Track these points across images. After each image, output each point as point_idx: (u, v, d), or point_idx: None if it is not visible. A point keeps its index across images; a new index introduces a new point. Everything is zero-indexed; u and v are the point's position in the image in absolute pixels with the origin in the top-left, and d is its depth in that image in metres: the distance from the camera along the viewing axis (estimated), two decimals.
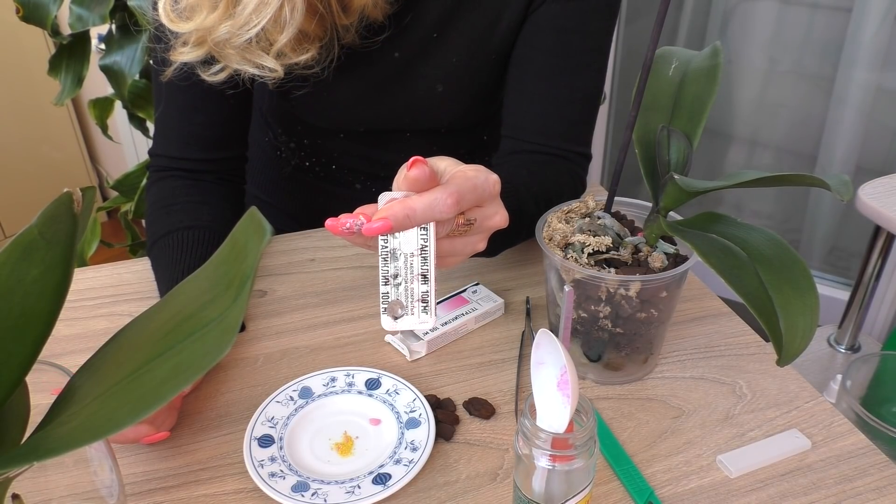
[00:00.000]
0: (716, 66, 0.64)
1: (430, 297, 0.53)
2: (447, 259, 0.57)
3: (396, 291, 0.53)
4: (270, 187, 1.02)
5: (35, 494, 0.38)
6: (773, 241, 0.55)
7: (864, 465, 0.59)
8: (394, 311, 0.54)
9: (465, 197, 0.52)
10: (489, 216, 0.56)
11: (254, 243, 0.31)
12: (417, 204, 0.51)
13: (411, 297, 0.53)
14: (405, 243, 0.52)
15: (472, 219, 0.55)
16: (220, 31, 0.69)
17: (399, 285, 0.53)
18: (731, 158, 2.05)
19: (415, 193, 0.52)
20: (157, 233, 0.77)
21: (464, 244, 0.56)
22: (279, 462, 0.58)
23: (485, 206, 0.55)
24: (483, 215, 0.55)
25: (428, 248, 0.53)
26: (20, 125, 2.29)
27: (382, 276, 0.53)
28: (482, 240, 0.57)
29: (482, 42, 0.80)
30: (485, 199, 0.55)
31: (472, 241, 0.57)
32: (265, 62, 0.71)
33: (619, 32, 2.04)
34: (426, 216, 0.51)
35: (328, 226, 0.52)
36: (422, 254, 0.53)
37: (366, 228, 0.50)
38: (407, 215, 0.50)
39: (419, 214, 0.51)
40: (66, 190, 0.35)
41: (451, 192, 0.51)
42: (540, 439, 0.46)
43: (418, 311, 0.53)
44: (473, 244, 0.57)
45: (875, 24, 1.67)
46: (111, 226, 2.37)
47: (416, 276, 0.53)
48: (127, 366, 0.31)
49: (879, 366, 1.29)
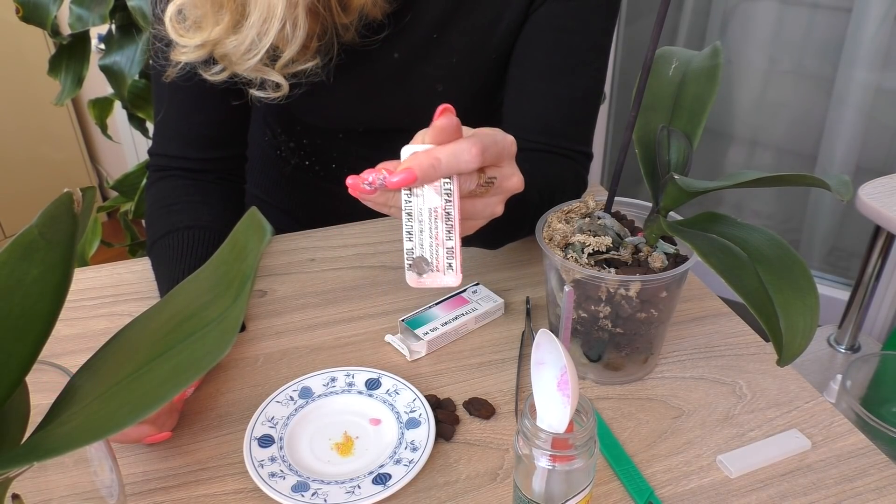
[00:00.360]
0: (716, 66, 0.64)
1: (455, 253, 0.52)
2: (467, 223, 0.56)
3: (421, 248, 0.52)
4: (270, 187, 1.02)
5: (35, 494, 0.38)
6: (773, 241, 0.55)
7: (864, 465, 0.59)
8: (419, 267, 0.52)
9: (488, 149, 0.52)
10: (507, 176, 0.55)
11: (254, 243, 0.31)
12: (442, 153, 0.50)
13: (436, 254, 0.52)
14: (428, 199, 0.51)
15: (493, 177, 0.54)
16: (227, 45, 0.69)
17: (423, 242, 0.52)
18: (731, 158, 2.05)
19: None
20: (157, 232, 0.77)
21: (483, 206, 0.56)
22: (279, 462, 0.58)
23: (503, 166, 0.55)
24: (502, 175, 0.55)
25: (452, 204, 0.51)
26: (20, 125, 2.29)
27: (406, 231, 0.52)
28: (500, 202, 0.56)
29: (482, 42, 0.80)
30: (503, 158, 0.54)
31: (491, 203, 0.56)
32: (271, 76, 0.72)
33: (619, 32, 2.04)
34: (450, 166, 0.50)
35: (349, 184, 0.51)
36: (446, 209, 0.51)
37: (389, 182, 0.50)
38: (432, 164, 0.49)
39: (444, 164, 0.50)
40: (66, 190, 0.35)
41: (474, 142, 0.50)
42: (540, 439, 0.46)
43: (444, 268, 0.52)
44: (492, 207, 0.56)
45: (875, 24, 1.67)
46: (111, 226, 2.37)
47: (440, 233, 0.52)
48: (127, 366, 0.31)
49: (879, 366, 1.29)
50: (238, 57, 0.70)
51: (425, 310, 0.73)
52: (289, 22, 0.67)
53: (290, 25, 0.67)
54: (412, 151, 0.51)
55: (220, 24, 0.68)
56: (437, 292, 0.78)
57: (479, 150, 0.50)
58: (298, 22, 0.68)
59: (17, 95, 2.24)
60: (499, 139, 0.53)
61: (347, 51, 0.77)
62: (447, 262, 0.52)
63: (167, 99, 0.80)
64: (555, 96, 0.80)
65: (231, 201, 0.85)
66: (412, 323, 0.71)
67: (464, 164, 0.50)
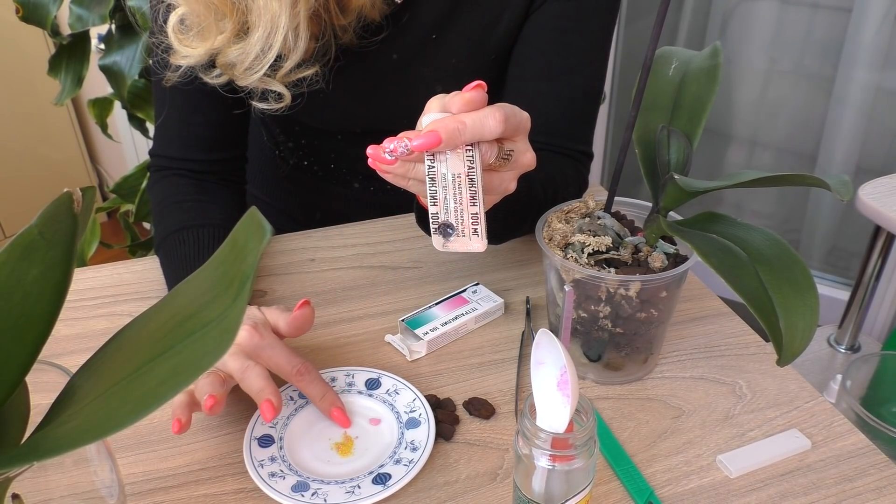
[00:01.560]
0: (716, 66, 0.64)
1: (480, 219, 0.52)
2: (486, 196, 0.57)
3: (446, 213, 0.52)
4: (269, 187, 1.02)
5: (35, 494, 0.38)
6: (773, 241, 0.55)
7: (864, 465, 0.59)
8: (445, 231, 0.52)
9: (510, 119, 0.52)
10: (523, 151, 0.56)
11: (254, 243, 0.31)
12: (467, 118, 0.50)
13: (461, 219, 0.52)
14: (452, 164, 0.51)
15: (510, 150, 0.55)
16: (230, 55, 0.69)
17: (448, 207, 0.52)
18: (731, 158, 2.05)
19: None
20: (168, 228, 0.77)
21: (500, 180, 0.57)
22: (279, 462, 0.58)
23: (518, 141, 0.56)
24: (518, 149, 0.56)
25: (475, 170, 0.52)
26: (20, 125, 2.29)
27: (431, 196, 0.52)
28: (513, 178, 0.57)
29: (481, 42, 0.80)
30: (520, 132, 0.55)
31: (506, 178, 0.57)
32: (273, 86, 0.72)
33: (619, 32, 2.04)
34: (476, 131, 0.50)
35: (370, 153, 0.52)
36: (469, 175, 0.52)
37: (416, 144, 0.50)
38: (457, 128, 0.50)
39: (469, 127, 0.50)
40: (66, 190, 0.35)
41: (498, 108, 0.51)
42: (540, 439, 0.46)
43: (469, 234, 0.52)
44: (507, 182, 0.57)
45: (875, 24, 1.67)
46: (111, 226, 2.37)
47: (465, 199, 0.52)
48: (127, 366, 0.31)
49: (879, 366, 1.28)
50: (242, 70, 0.70)
51: (425, 310, 0.73)
52: (291, 31, 0.67)
53: (293, 35, 0.67)
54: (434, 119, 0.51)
55: (224, 32, 0.68)
56: (437, 292, 0.78)
57: (502, 116, 0.51)
58: (300, 31, 0.68)
59: (17, 95, 2.24)
60: (518, 111, 0.54)
61: (346, 52, 0.77)
62: (472, 227, 0.52)
63: (168, 101, 0.80)
64: (555, 96, 0.80)
65: (236, 202, 0.85)
66: (412, 323, 0.71)
67: (488, 129, 0.51)
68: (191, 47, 0.70)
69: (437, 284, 0.80)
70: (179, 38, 0.70)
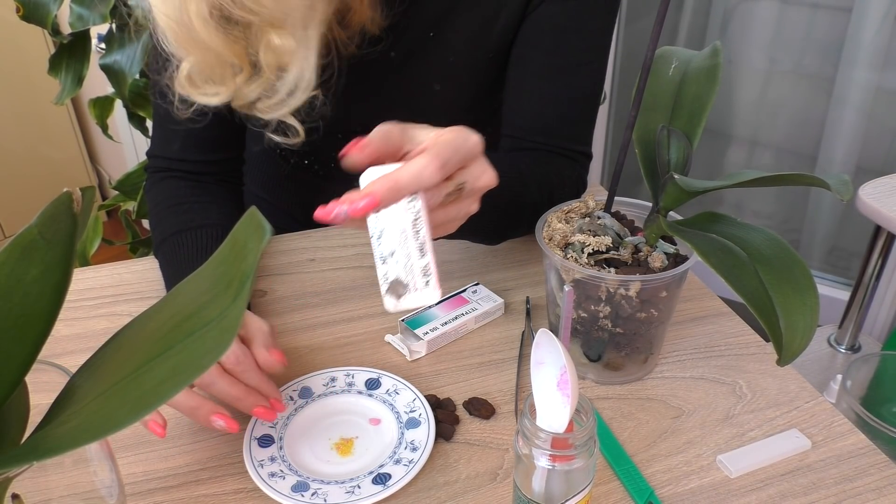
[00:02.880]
0: (716, 66, 0.64)
1: (430, 269, 0.50)
2: (444, 226, 0.56)
3: (395, 269, 0.50)
4: (270, 185, 1.02)
5: (35, 494, 0.38)
6: (773, 241, 0.55)
7: (864, 465, 0.59)
8: (396, 290, 0.50)
9: (450, 160, 0.51)
10: (477, 176, 0.54)
11: (253, 243, 0.31)
12: (402, 174, 0.48)
13: (412, 272, 0.50)
14: (396, 218, 0.50)
15: (462, 182, 0.53)
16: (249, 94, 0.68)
17: (397, 263, 0.50)
18: (731, 158, 2.05)
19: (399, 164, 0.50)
20: (165, 231, 0.76)
21: (457, 209, 0.55)
22: (279, 462, 0.58)
23: (471, 167, 0.54)
24: (471, 175, 0.54)
25: (420, 220, 0.50)
26: (20, 125, 2.28)
27: (378, 255, 0.50)
28: (474, 202, 0.56)
29: (480, 41, 0.80)
30: (469, 159, 0.53)
31: (465, 204, 0.55)
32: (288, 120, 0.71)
33: (619, 32, 2.04)
34: (412, 185, 0.49)
35: (318, 217, 0.51)
36: (415, 227, 0.50)
37: (351, 210, 0.48)
38: (391, 187, 0.48)
39: (404, 184, 0.48)
40: (66, 190, 0.35)
41: (433, 157, 0.49)
42: (540, 439, 0.46)
43: (421, 287, 0.50)
44: (467, 207, 0.55)
45: (875, 24, 1.67)
46: (111, 225, 2.37)
47: (413, 251, 0.50)
48: (127, 366, 0.31)
49: (879, 366, 1.28)
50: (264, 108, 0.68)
51: (425, 310, 0.73)
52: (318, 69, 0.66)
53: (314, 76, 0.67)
54: (372, 174, 0.50)
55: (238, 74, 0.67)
56: None
57: (438, 164, 0.49)
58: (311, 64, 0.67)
59: (17, 95, 2.24)
60: (459, 145, 0.52)
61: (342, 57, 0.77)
62: (424, 279, 0.50)
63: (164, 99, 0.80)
64: (554, 96, 0.80)
65: (235, 202, 0.85)
66: (412, 323, 0.71)
67: (426, 180, 0.49)
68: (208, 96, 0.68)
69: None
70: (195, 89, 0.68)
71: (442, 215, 0.54)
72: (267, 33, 0.64)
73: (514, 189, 0.71)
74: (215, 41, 0.63)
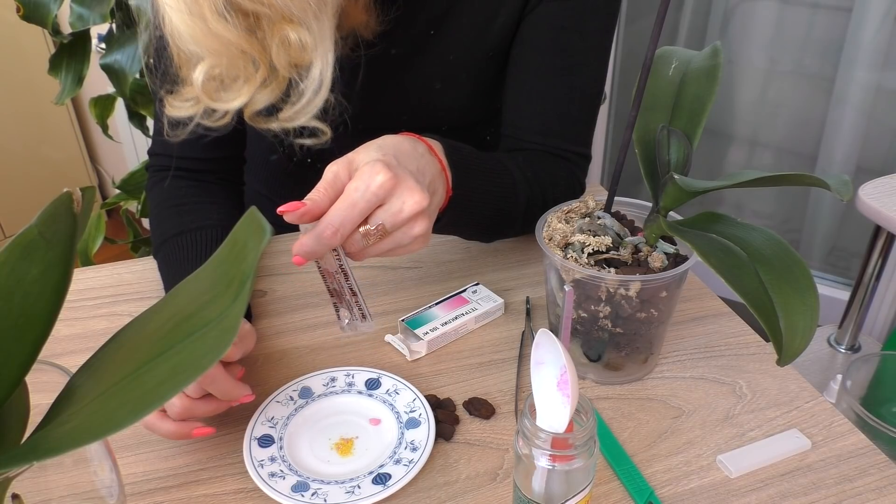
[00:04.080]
0: (716, 66, 0.64)
1: (362, 307, 0.61)
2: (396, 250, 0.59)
3: (341, 303, 0.61)
4: (272, 183, 1.02)
5: (35, 494, 0.38)
6: (773, 241, 0.55)
7: (864, 465, 0.59)
8: (342, 320, 0.62)
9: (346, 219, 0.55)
10: (395, 212, 0.56)
11: (253, 243, 0.31)
12: (306, 241, 0.55)
13: (350, 307, 0.61)
14: (328, 264, 0.59)
15: (379, 223, 0.57)
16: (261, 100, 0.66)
17: (342, 297, 0.61)
18: (731, 158, 2.05)
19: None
20: (166, 233, 0.76)
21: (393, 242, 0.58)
22: (279, 462, 0.58)
23: (388, 203, 0.56)
24: (388, 213, 0.56)
25: (345, 267, 0.59)
26: (20, 125, 2.28)
27: (328, 290, 0.61)
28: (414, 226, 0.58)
29: (479, 39, 0.80)
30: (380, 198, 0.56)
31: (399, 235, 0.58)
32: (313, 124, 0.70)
33: (619, 32, 2.04)
34: (316, 249, 0.55)
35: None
36: (342, 270, 0.59)
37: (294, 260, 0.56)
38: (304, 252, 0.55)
39: (310, 250, 0.55)
40: (66, 190, 0.35)
41: (326, 225, 0.55)
42: (540, 439, 0.46)
43: (359, 318, 0.62)
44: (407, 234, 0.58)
45: (875, 24, 1.67)
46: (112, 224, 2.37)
47: (345, 290, 0.60)
48: (127, 366, 0.31)
49: (879, 366, 1.28)
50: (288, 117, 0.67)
51: (425, 310, 0.73)
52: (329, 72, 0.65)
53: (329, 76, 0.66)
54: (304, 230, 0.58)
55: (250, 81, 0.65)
56: (437, 292, 0.78)
57: (331, 232, 0.55)
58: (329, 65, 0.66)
59: (18, 95, 2.24)
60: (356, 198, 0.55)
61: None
62: (359, 312, 0.61)
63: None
64: (553, 97, 0.80)
65: (235, 202, 0.85)
66: (412, 323, 0.71)
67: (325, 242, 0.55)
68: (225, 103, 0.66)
69: (437, 284, 0.80)
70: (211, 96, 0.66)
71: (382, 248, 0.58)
72: (281, 28, 0.62)
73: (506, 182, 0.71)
74: (232, 32, 0.62)
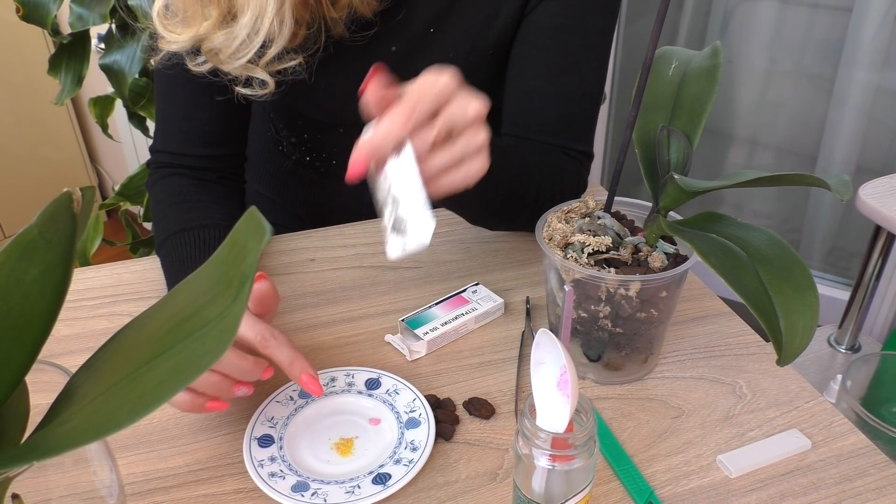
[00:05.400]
0: (716, 66, 0.64)
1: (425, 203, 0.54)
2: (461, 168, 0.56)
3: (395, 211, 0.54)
4: (272, 183, 1.02)
5: (35, 494, 0.38)
6: (773, 241, 0.55)
7: (864, 465, 0.59)
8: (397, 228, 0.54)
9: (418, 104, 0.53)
10: (461, 110, 0.55)
11: (253, 243, 0.31)
12: (374, 134, 0.52)
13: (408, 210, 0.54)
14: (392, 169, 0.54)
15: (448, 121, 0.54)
16: (215, 41, 0.69)
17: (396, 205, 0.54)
18: (731, 158, 2.05)
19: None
20: (168, 229, 0.76)
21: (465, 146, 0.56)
22: (279, 462, 0.58)
23: (452, 103, 0.55)
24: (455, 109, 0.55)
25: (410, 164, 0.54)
26: (20, 125, 2.28)
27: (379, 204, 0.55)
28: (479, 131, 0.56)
29: (479, 37, 0.80)
30: (445, 96, 0.54)
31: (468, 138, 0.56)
32: (256, 73, 0.72)
33: (619, 32, 2.04)
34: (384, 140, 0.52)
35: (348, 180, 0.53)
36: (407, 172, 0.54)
37: (347, 176, 0.53)
38: (369, 151, 0.52)
39: (378, 142, 0.52)
40: (66, 190, 0.35)
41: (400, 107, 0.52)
42: (540, 439, 0.46)
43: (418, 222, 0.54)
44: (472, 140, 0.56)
45: (875, 24, 1.67)
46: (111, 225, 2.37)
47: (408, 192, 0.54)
48: (127, 366, 0.31)
49: (879, 366, 1.28)
50: (228, 55, 0.70)
51: (425, 310, 0.73)
52: (276, 18, 0.67)
53: (277, 22, 0.68)
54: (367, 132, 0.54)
55: (208, 19, 0.69)
56: (437, 292, 0.78)
57: (405, 113, 0.52)
58: (285, 19, 0.68)
59: (17, 95, 2.24)
60: (427, 87, 0.53)
61: (344, 45, 0.77)
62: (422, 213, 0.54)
63: (167, 95, 0.80)
64: (553, 96, 0.80)
65: (236, 202, 0.85)
66: (412, 323, 0.71)
67: (395, 134, 0.52)
68: (175, 33, 0.70)
69: (437, 284, 0.80)
70: (164, 24, 0.70)
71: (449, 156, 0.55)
72: None
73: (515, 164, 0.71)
74: None
